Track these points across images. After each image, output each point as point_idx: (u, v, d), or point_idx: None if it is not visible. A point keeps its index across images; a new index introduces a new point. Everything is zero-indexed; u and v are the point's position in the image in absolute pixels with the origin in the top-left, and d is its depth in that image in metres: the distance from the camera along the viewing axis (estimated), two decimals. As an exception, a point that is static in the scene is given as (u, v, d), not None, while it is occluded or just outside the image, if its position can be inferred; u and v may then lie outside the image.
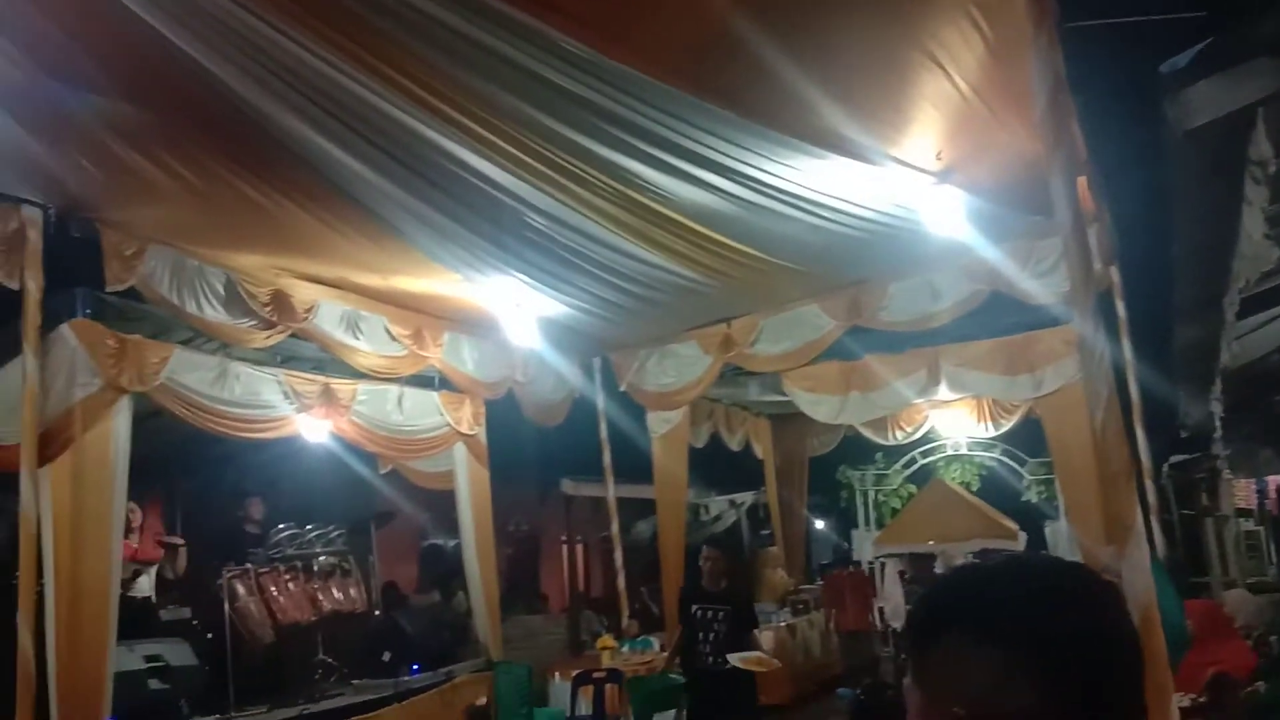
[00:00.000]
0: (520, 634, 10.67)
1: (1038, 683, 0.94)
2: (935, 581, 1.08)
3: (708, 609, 6.97)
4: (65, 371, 5.81)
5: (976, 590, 1.01)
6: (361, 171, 5.53)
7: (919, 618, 1.04)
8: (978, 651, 0.96)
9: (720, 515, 15.26)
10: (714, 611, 6.92)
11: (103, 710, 5.61)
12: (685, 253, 6.92)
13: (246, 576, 7.94)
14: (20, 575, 5.43)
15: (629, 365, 10.08)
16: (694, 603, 7.09)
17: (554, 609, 15.05)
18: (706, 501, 15.47)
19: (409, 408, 8.56)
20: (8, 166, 5.22)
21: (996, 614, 0.97)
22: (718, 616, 6.90)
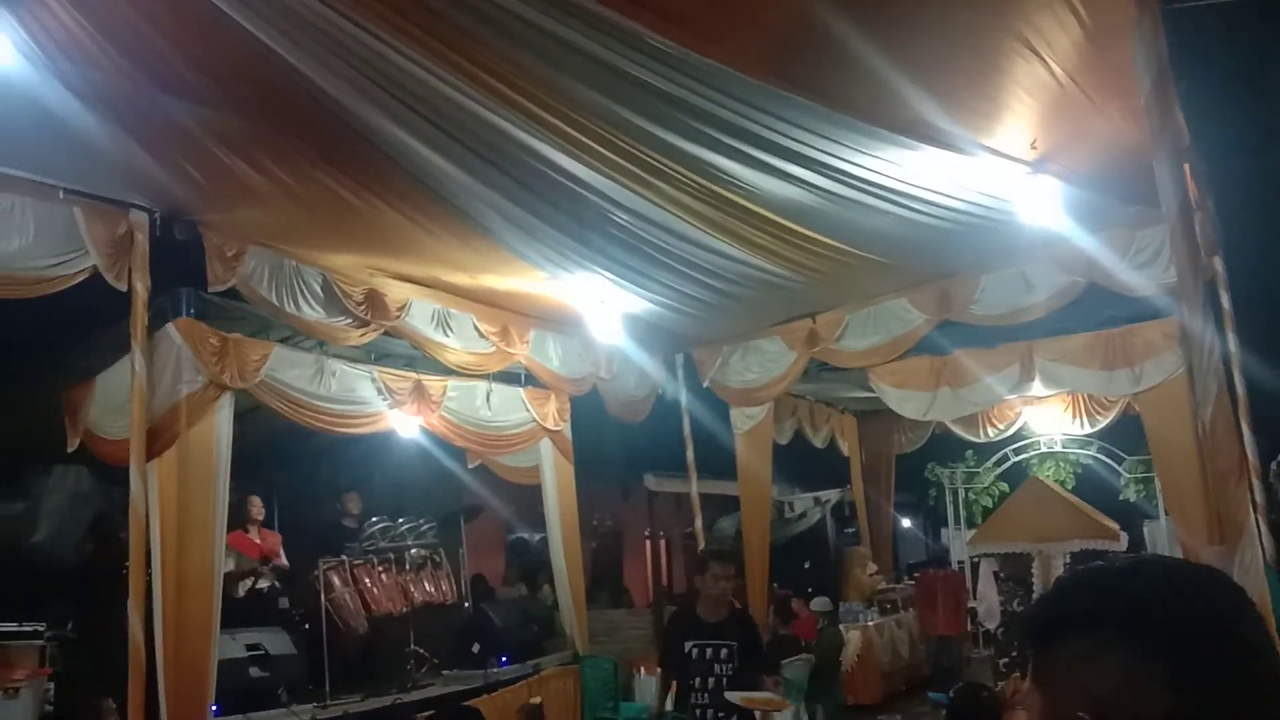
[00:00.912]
0: (604, 628, 10.74)
1: (1170, 686, 0.90)
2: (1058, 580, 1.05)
3: (706, 646, 5.22)
4: (171, 369, 6.04)
5: (1106, 590, 0.98)
6: (451, 171, 5.62)
7: (1041, 617, 1.01)
8: (1106, 653, 0.93)
9: (805, 513, 15.10)
10: (714, 649, 5.21)
11: (208, 696, 5.83)
12: (770, 247, 6.87)
13: (342, 568, 8.15)
14: (130, 565, 5.69)
15: (712, 361, 10.06)
16: (688, 638, 5.28)
17: (637, 604, 15.11)
18: (790, 499, 15.33)
19: (497, 404, 8.68)
20: (116, 173, 5.45)
21: (1127, 614, 0.94)
22: (719, 655, 5.18)
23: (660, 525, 16.12)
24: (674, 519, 15.34)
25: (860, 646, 10.34)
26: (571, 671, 8.88)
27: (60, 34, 4.22)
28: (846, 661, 9.88)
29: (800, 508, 15.27)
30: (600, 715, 8.76)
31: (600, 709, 8.78)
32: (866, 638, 10.54)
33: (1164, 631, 0.92)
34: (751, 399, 10.14)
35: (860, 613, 11.30)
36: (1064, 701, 0.95)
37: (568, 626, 9.31)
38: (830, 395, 12.68)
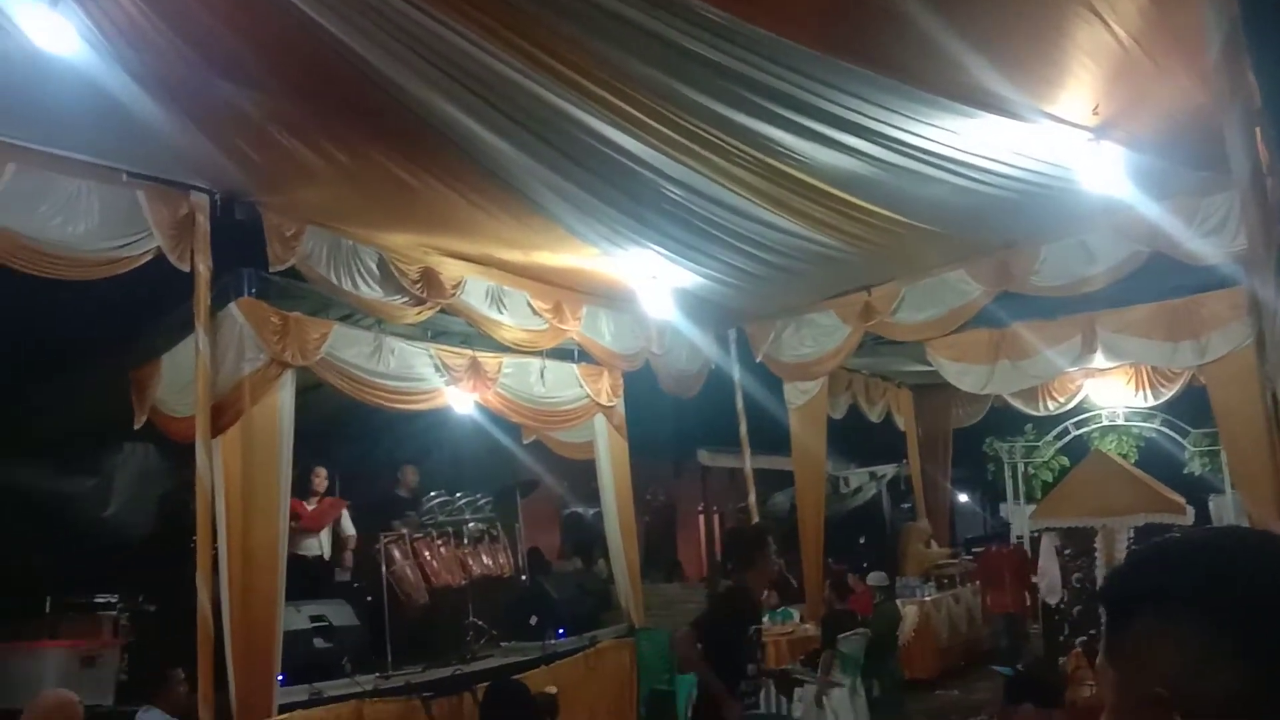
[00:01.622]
0: (658, 601, 10.80)
1: (1249, 662, 0.88)
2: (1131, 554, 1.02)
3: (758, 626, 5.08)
4: (234, 348, 6.15)
5: (1180, 563, 0.96)
6: (505, 149, 5.64)
7: (1115, 592, 0.99)
8: (1183, 628, 0.91)
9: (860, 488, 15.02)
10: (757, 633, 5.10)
11: (274, 666, 5.98)
12: (824, 219, 6.80)
13: (402, 541, 8.30)
14: (197, 538, 5.84)
15: (765, 336, 10.01)
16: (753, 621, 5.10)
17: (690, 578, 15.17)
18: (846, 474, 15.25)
19: (550, 380, 8.73)
20: (177, 155, 5.55)
21: (1206, 588, 0.92)
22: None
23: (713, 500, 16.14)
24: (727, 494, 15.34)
25: (918, 621, 10.28)
26: (627, 644, 8.95)
27: (123, 21, 4.30)
28: (903, 636, 9.83)
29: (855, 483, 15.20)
30: (656, 687, 8.82)
31: (656, 681, 8.84)
32: (924, 613, 10.47)
33: (1240, 605, 0.90)
34: (805, 374, 10.08)
35: (917, 588, 11.23)
36: (1138, 677, 0.93)
37: (623, 600, 9.38)
38: (886, 369, 12.55)
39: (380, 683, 6.77)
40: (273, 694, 5.89)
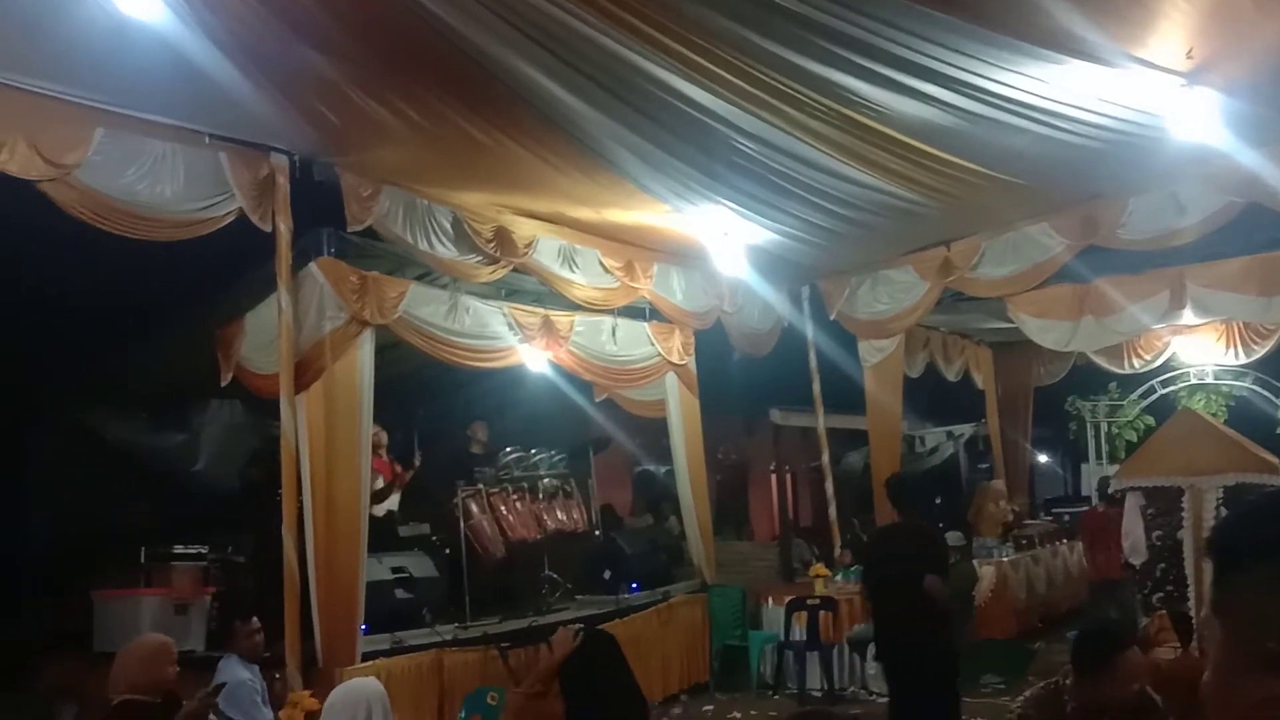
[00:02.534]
0: (730, 559, 10.84)
1: None
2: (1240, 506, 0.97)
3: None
4: (315, 306, 6.30)
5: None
6: (577, 105, 5.63)
7: (1225, 544, 0.94)
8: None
9: (936, 447, 14.78)
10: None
11: (357, 615, 6.16)
12: (902, 172, 6.66)
13: (479, 496, 8.45)
14: (283, 491, 6.03)
15: (839, 293, 9.88)
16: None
17: (761, 536, 15.17)
18: (922, 433, 15.04)
19: (622, 338, 8.76)
20: (257, 118, 5.64)
21: None
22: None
23: (786, 459, 16.05)
24: (799, 453, 15.24)
25: (995, 582, 10.13)
26: (700, 599, 9.03)
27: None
28: (980, 596, 9.72)
29: (932, 442, 14.97)
30: (728, 642, 8.90)
31: (728, 636, 8.91)
32: (1001, 573, 10.31)
33: None
34: (881, 331, 9.94)
35: (994, 548, 11.05)
36: (1249, 632, 0.89)
37: (695, 556, 9.45)
38: (965, 326, 12.28)
39: (459, 633, 6.94)
40: (356, 642, 6.09)
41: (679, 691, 8.42)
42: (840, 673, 8.46)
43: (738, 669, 8.82)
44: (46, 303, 6.83)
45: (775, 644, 8.69)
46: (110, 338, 7.86)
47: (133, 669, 4.12)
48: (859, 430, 11.32)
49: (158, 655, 4.21)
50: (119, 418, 8.93)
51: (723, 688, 8.67)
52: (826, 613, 8.39)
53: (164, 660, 4.21)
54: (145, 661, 4.17)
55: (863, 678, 8.40)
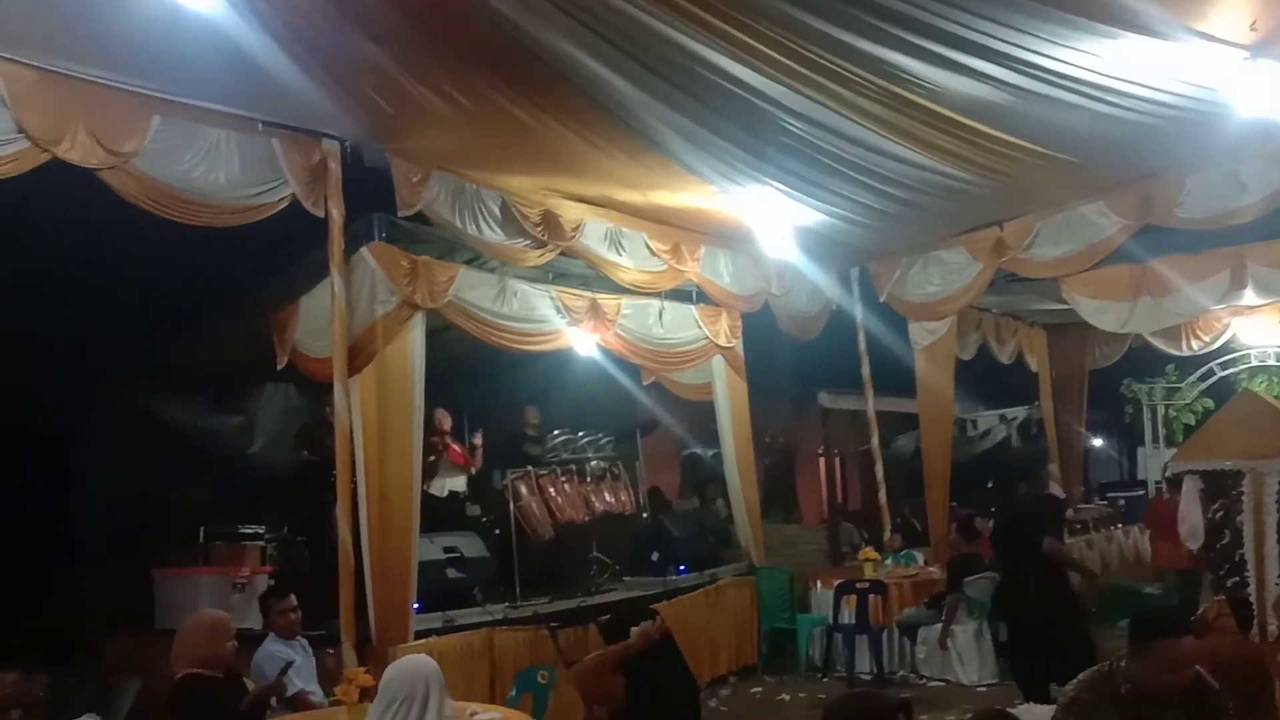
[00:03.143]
0: (777, 542, 10.82)
1: None
2: None
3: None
4: (367, 290, 6.38)
5: None
6: (621, 86, 5.62)
7: None
8: None
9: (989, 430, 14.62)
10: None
11: (410, 594, 6.26)
12: (954, 150, 6.56)
13: (528, 478, 8.52)
14: (337, 473, 6.13)
15: (890, 274, 9.79)
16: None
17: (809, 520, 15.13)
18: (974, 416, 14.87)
19: (669, 321, 8.76)
20: (309, 104, 5.71)
21: None
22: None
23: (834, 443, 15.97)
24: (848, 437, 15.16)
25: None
26: (748, 582, 9.04)
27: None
28: (1032, 581, 9.58)
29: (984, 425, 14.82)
30: (776, 625, 8.89)
31: (776, 619, 8.91)
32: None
33: None
34: (932, 313, 9.83)
35: (1047, 533, 10.91)
36: None
37: (742, 539, 9.45)
38: (1018, 308, 12.10)
39: (509, 612, 7.01)
40: (409, 621, 6.18)
41: (727, 673, 8.44)
42: (890, 656, 8.42)
43: (786, 652, 8.82)
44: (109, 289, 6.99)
45: (824, 627, 8.67)
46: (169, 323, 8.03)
47: (195, 643, 4.24)
48: (909, 413, 11.24)
49: (217, 630, 4.33)
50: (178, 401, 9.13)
51: (771, 670, 8.68)
52: (876, 596, 8.35)
53: (224, 635, 4.34)
54: (207, 636, 4.29)
55: (912, 661, 8.35)
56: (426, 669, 3.13)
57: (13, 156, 4.73)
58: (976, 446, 14.61)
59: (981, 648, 8.06)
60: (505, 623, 6.78)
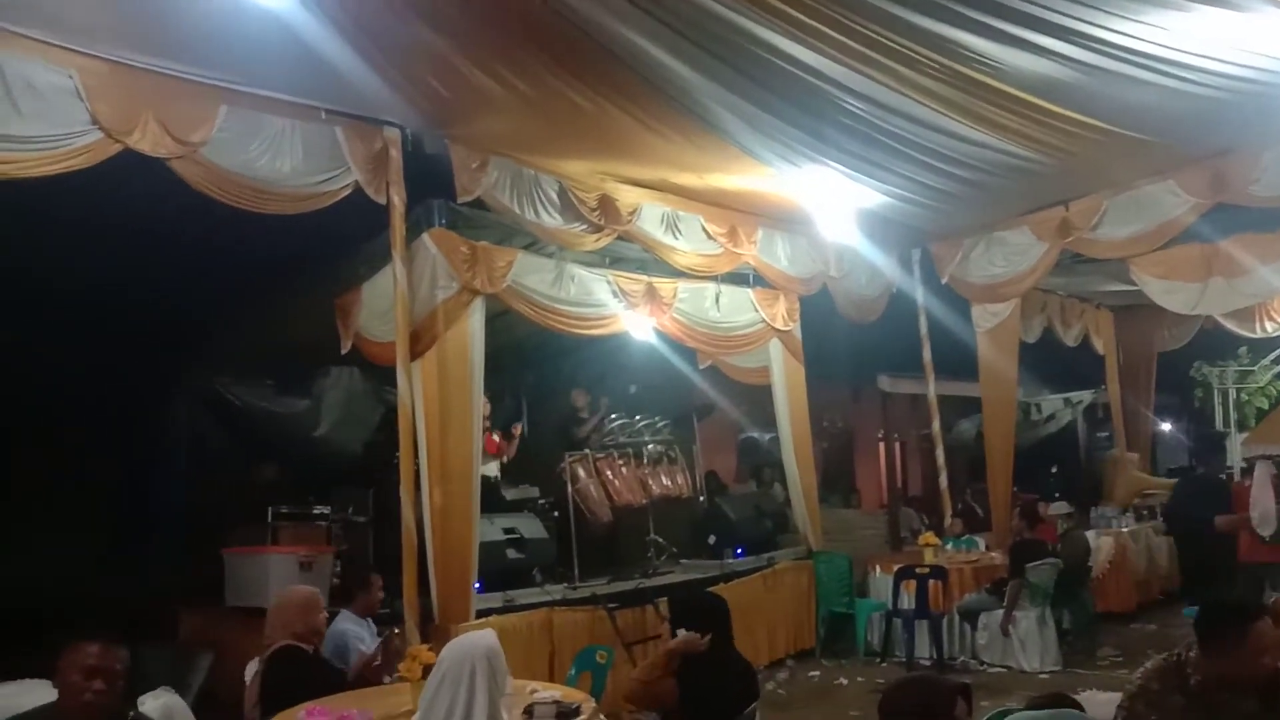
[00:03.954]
0: (836, 527, 10.77)
1: None
2: None
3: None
4: (428, 276, 6.47)
5: None
6: (678, 69, 5.60)
7: None
8: None
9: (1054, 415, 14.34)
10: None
11: (471, 574, 6.36)
12: (1018, 129, 6.43)
13: (585, 461, 8.59)
14: (400, 455, 6.24)
15: (952, 256, 9.65)
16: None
17: (868, 505, 15.02)
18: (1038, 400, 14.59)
19: (726, 305, 8.74)
20: (371, 92, 5.78)
21: None
22: None
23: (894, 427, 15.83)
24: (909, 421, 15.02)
25: (1113, 553, 9.82)
26: (805, 566, 9.01)
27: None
28: (1097, 568, 9.44)
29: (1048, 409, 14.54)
30: (835, 609, 8.86)
31: (835, 603, 8.88)
32: (1120, 544, 9.99)
33: None
34: (996, 295, 9.67)
35: (1114, 518, 10.71)
36: None
37: (800, 523, 9.41)
38: (1084, 289, 11.82)
39: (568, 593, 7.09)
40: (470, 600, 6.29)
41: (785, 656, 8.44)
42: (950, 642, 8.35)
43: (844, 636, 8.80)
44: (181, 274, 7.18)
45: (883, 612, 8.62)
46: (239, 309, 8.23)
47: (290, 617, 4.38)
48: (971, 397, 11.08)
49: (310, 604, 4.48)
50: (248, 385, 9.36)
51: (829, 654, 8.66)
52: (936, 582, 8.27)
53: (316, 609, 4.48)
54: (301, 610, 4.43)
55: (973, 647, 8.27)
56: (479, 646, 3.18)
57: (87, 148, 4.88)
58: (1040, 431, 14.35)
59: (1044, 634, 7.95)
60: (564, 603, 6.86)
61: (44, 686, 3.09)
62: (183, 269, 7.06)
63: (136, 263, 7.01)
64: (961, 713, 2.44)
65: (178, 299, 7.62)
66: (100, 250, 6.63)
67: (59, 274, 6.93)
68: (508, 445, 8.60)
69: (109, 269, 7.02)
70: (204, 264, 7.00)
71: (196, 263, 6.99)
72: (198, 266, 7.09)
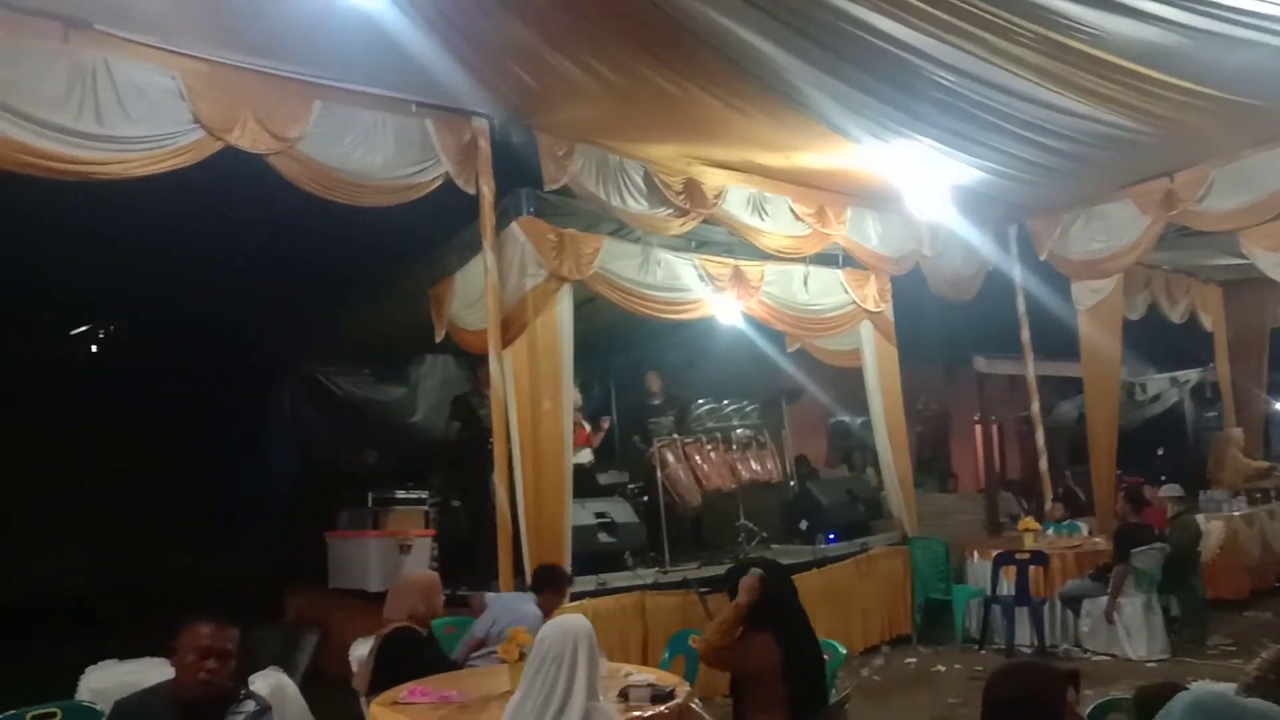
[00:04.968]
0: (931, 512, 10.57)
1: None
2: None
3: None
4: (517, 264, 6.55)
5: None
6: (764, 47, 5.53)
7: None
8: None
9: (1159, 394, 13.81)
10: None
11: (564, 557, 6.43)
12: (1118, 98, 6.17)
13: (674, 446, 8.60)
14: (494, 440, 6.35)
15: (1050, 232, 9.35)
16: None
17: (964, 489, 14.70)
18: (1143, 379, 14.08)
19: (814, 286, 8.62)
20: (459, 84, 5.87)
21: None
22: None
23: (991, 409, 15.45)
24: (1006, 403, 14.62)
25: (1224, 538, 9.43)
26: (900, 551, 8.87)
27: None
28: (1207, 553, 9.07)
29: (1154, 389, 14.02)
30: (931, 595, 8.71)
31: (932, 590, 8.72)
32: (1231, 529, 9.58)
33: None
34: (1097, 271, 9.34)
35: (1224, 502, 10.27)
36: None
37: (894, 509, 9.27)
38: (1190, 264, 11.35)
39: (659, 577, 7.11)
40: (564, 583, 6.36)
41: (880, 643, 8.33)
42: (1051, 629, 8.12)
43: (942, 623, 8.64)
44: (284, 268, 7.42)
45: (981, 598, 8.44)
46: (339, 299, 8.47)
47: (412, 598, 4.51)
48: (1072, 378, 10.75)
49: (432, 587, 4.61)
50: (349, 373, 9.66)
51: (926, 641, 8.51)
52: (1037, 567, 8.06)
53: (437, 591, 4.60)
54: (424, 592, 4.56)
55: (1075, 635, 8.03)
56: (579, 628, 3.22)
57: (189, 147, 5.07)
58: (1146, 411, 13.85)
59: (1151, 621, 7.68)
60: (655, 587, 6.89)
61: (163, 665, 3.23)
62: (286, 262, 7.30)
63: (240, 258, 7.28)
64: (1072, 700, 2.36)
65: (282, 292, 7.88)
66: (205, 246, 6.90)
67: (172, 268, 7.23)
68: (595, 437, 8.67)
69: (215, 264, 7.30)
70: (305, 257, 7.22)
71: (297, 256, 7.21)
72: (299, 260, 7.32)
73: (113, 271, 7.46)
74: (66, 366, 9.84)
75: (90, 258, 6.98)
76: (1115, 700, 3.57)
